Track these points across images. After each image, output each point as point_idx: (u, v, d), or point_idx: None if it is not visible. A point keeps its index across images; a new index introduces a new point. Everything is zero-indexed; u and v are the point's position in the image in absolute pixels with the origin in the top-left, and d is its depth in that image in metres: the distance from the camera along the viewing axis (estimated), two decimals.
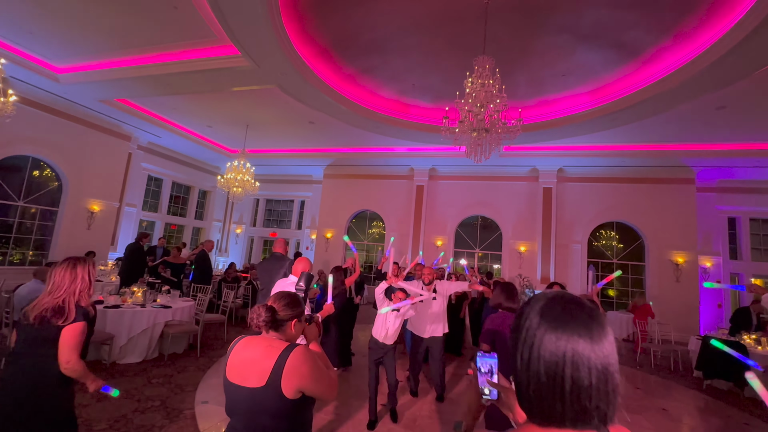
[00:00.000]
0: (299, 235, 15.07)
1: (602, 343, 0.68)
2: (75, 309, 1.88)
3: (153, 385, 4.10)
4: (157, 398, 3.75)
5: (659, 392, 5.53)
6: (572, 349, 0.67)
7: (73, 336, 1.86)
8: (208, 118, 10.20)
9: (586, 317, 0.70)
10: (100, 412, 3.33)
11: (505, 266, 11.62)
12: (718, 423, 4.52)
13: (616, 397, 0.67)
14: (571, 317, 0.70)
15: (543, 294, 0.78)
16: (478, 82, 5.19)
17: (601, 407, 0.66)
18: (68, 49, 7.15)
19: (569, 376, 0.66)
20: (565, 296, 0.75)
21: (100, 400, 3.57)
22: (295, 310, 1.55)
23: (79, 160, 10.04)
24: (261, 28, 5.60)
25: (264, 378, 1.36)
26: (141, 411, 3.44)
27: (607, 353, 0.68)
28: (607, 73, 6.87)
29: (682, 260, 10.05)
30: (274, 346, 1.43)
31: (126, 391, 3.82)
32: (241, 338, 1.52)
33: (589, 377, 0.66)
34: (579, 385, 0.65)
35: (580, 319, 0.69)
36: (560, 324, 0.69)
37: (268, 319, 1.47)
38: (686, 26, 5.46)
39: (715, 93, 6.40)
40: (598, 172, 10.88)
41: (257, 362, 1.39)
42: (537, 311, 0.73)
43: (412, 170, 12.49)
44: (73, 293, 1.90)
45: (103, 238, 10.72)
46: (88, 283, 1.97)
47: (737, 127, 7.91)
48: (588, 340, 0.67)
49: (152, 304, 5.02)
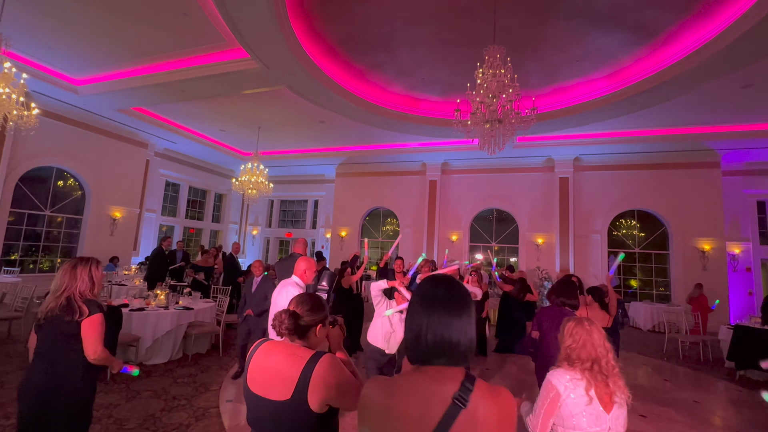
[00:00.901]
0: (314, 235, 15.19)
1: (460, 314, 0.98)
2: (85, 303, 1.95)
3: (179, 384, 4.20)
4: (183, 397, 3.84)
5: (689, 384, 5.35)
6: (430, 315, 0.98)
7: (93, 328, 1.94)
8: (220, 122, 10.37)
9: (445, 294, 1.01)
10: (129, 412, 3.43)
11: (523, 259, 11.44)
12: (753, 415, 4.34)
13: (466, 352, 0.97)
14: (435, 294, 1.01)
15: (426, 277, 1.10)
16: (489, 72, 5.08)
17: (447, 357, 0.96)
18: (86, 61, 7.36)
19: (427, 333, 0.97)
20: (437, 278, 1.06)
21: (130, 399, 3.68)
22: (320, 315, 1.44)
23: (100, 169, 10.36)
24: (269, 30, 5.63)
25: (289, 391, 1.26)
26: (168, 410, 3.53)
27: (459, 321, 0.97)
28: (624, 56, 6.64)
29: (708, 247, 9.69)
30: (299, 355, 1.33)
31: (153, 391, 3.93)
32: (261, 343, 1.42)
33: (441, 335, 0.96)
34: (435, 338, 0.96)
35: (440, 295, 1.00)
36: (427, 300, 1.01)
37: (291, 326, 1.38)
38: (707, 2, 5.22)
39: (740, 71, 6.10)
40: (616, 159, 10.57)
41: (281, 373, 1.30)
42: (416, 290, 1.07)
43: (425, 165, 12.40)
44: (75, 292, 1.96)
45: (126, 244, 11.05)
46: (89, 282, 2.01)
47: (765, 106, 7.54)
48: (442, 310, 0.98)
49: (175, 306, 5.14)
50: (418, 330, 0.98)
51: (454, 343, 0.95)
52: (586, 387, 1.58)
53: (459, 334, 0.96)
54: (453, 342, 0.95)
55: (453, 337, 0.95)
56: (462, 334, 0.96)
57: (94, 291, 2.06)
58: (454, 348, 0.95)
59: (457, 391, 0.91)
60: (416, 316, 1.00)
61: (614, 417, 1.58)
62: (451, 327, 0.96)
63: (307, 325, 1.41)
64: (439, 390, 0.92)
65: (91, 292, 2.03)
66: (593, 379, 1.59)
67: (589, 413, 1.55)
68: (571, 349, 1.66)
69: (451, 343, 0.95)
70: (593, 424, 1.55)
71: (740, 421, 4.15)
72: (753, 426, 4.02)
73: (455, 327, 0.96)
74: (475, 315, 1.07)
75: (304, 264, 3.06)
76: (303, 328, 1.40)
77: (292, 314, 1.40)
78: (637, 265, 10.87)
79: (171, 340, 4.97)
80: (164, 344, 4.92)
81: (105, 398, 3.65)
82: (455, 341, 0.95)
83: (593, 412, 1.56)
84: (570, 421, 1.58)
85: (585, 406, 1.56)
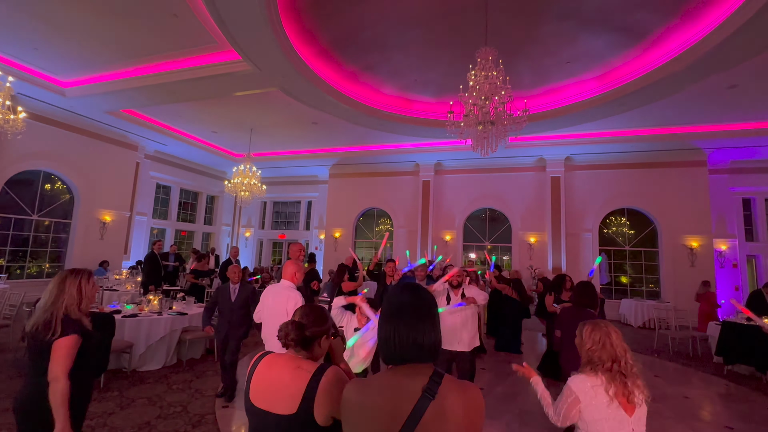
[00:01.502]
0: (308, 236, 15.14)
1: (424, 319, 1.07)
2: (62, 323, 1.83)
3: (174, 391, 4.16)
4: (179, 404, 3.81)
5: (679, 379, 5.46)
6: (398, 322, 1.07)
7: (61, 348, 1.79)
8: (212, 123, 10.27)
9: (410, 300, 1.11)
10: (124, 420, 3.40)
11: (515, 258, 11.55)
12: (742, 409, 4.45)
13: (432, 350, 1.06)
14: (400, 300, 1.11)
15: (395, 285, 1.22)
16: (482, 74, 5.12)
17: (415, 354, 1.05)
18: (73, 63, 7.23)
19: (395, 336, 1.05)
20: (403, 286, 1.17)
21: (124, 407, 3.64)
22: (324, 326, 1.44)
23: (89, 172, 10.19)
24: (261, 32, 5.59)
25: (294, 405, 1.25)
26: (164, 417, 3.50)
27: (422, 324, 1.06)
28: (614, 58, 6.74)
29: (696, 244, 9.89)
30: (304, 368, 1.32)
31: (148, 398, 3.89)
32: (263, 356, 1.41)
33: (407, 339, 1.04)
34: (402, 340, 1.05)
35: (406, 302, 1.10)
36: (394, 306, 1.11)
37: (297, 338, 1.37)
38: (693, 4, 5.33)
39: (726, 72, 6.24)
40: (606, 158, 10.72)
41: (286, 386, 1.29)
42: (386, 297, 1.18)
43: (418, 166, 12.44)
44: (61, 307, 1.87)
45: (116, 248, 10.89)
46: (76, 296, 1.91)
47: (750, 106, 7.72)
48: (409, 315, 1.07)
49: (168, 312, 5.09)
50: (387, 333, 1.07)
51: (419, 344, 1.04)
52: (606, 387, 1.60)
53: (423, 336, 1.05)
54: (418, 343, 1.04)
55: (418, 339, 1.05)
56: (426, 336, 1.05)
57: (81, 306, 1.95)
58: (420, 348, 1.05)
59: (426, 384, 0.99)
60: (386, 320, 1.10)
61: (636, 419, 1.59)
62: (416, 330, 1.05)
63: (312, 336, 1.40)
64: (410, 384, 1.01)
65: (78, 307, 1.93)
66: (612, 380, 1.61)
67: (611, 418, 1.56)
68: (592, 351, 1.69)
69: (416, 344, 1.04)
70: (616, 430, 1.56)
71: (728, 415, 4.25)
72: (741, 419, 4.12)
73: (419, 330, 1.05)
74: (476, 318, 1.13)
75: (294, 267, 3.17)
76: (308, 339, 1.39)
77: (298, 326, 1.39)
78: (628, 262, 11.04)
79: (165, 346, 4.93)
80: (158, 350, 4.87)
81: (99, 406, 3.61)
82: (419, 342, 1.04)
83: (615, 417, 1.56)
84: (594, 427, 1.60)
85: (606, 409, 1.57)
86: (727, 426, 3.96)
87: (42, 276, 9.70)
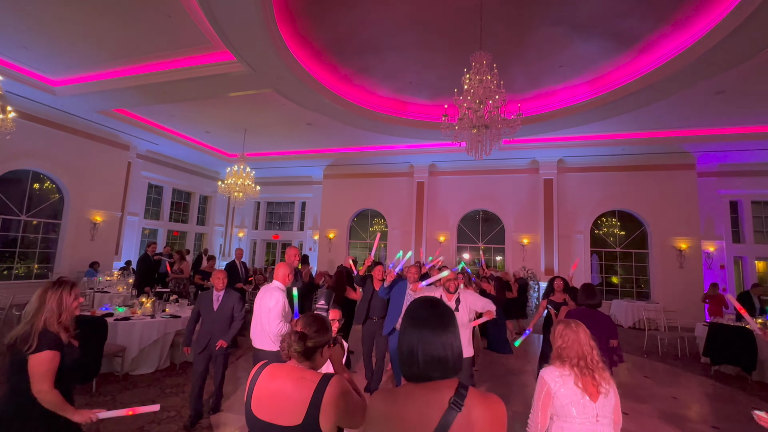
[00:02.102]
0: (302, 237, 15.10)
1: (445, 331, 1.08)
2: (39, 336, 1.81)
3: (167, 395, 4.14)
4: (173, 408, 3.79)
5: (667, 380, 5.57)
6: (420, 336, 1.08)
7: (38, 364, 1.78)
8: (205, 123, 10.19)
9: (431, 315, 1.11)
10: (116, 425, 3.37)
11: (509, 259, 11.65)
12: (728, 409, 4.55)
13: (456, 364, 1.07)
14: (422, 316, 1.12)
15: (414, 299, 1.21)
16: (476, 78, 5.17)
17: (440, 371, 1.06)
18: (63, 61, 7.13)
19: (419, 352, 1.06)
20: (425, 300, 1.17)
21: None
22: (326, 336, 1.45)
23: (79, 172, 10.05)
24: (256, 34, 5.58)
25: (300, 416, 1.25)
26: (157, 422, 3.48)
27: (446, 338, 1.07)
28: (605, 63, 6.84)
29: (685, 246, 10.07)
30: (307, 378, 1.33)
31: (141, 402, 3.86)
32: (264, 366, 1.41)
33: (430, 353, 1.05)
34: (426, 357, 1.06)
35: (427, 317, 1.11)
36: (414, 320, 1.12)
37: (301, 349, 1.37)
38: (683, 13, 5.43)
39: (714, 78, 6.37)
40: (598, 161, 10.87)
41: (290, 397, 1.29)
42: (405, 313, 1.18)
43: (412, 167, 12.48)
44: (40, 320, 1.84)
45: (107, 249, 10.76)
46: (56, 309, 1.87)
47: (737, 111, 7.89)
48: (431, 331, 1.08)
49: (162, 315, 5.05)
50: (410, 350, 1.08)
51: (443, 358, 1.06)
52: (575, 380, 1.78)
53: (446, 350, 1.06)
54: (442, 357, 1.06)
55: (441, 353, 1.06)
56: (449, 349, 1.07)
57: (61, 319, 1.90)
58: (444, 363, 1.06)
59: (452, 397, 1.02)
60: (407, 337, 1.10)
61: (600, 405, 1.77)
62: (437, 344, 1.06)
63: (315, 346, 1.41)
64: (437, 397, 1.04)
65: (57, 321, 1.88)
66: (581, 373, 1.79)
67: (577, 403, 1.77)
68: (562, 349, 1.86)
69: (440, 358, 1.06)
70: (581, 413, 1.76)
71: (715, 416, 4.35)
72: (727, 420, 4.22)
73: (441, 343, 1.07)
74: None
75: (285, 269, 3.33)
76: (310, 350, 1.40)
77: (301, 337, 1.39)
78: (618, 263, 11.21)
79: (158, 349, 4.89)
80: (151, 353, 4.83)
81: None
82: (443, 356, 1.06)
83: (581, 402, 1.77)
84: (562, 411, 1.78)
85: (574, 397, 1.77)
86: (713, 426, 4.05)
87: (31, 277, 9.54)
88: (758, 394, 5.06)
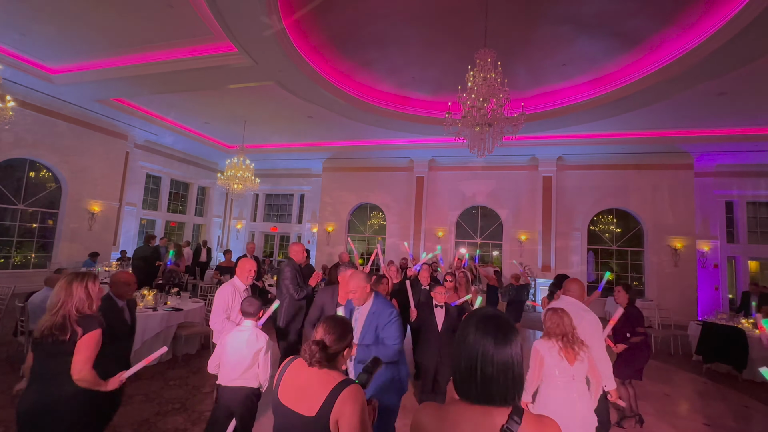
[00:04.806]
0: (300, 229, 15.10)
1: (504, 346, 1.00)
2: (81, 321, 1.93)
3: (170, 387, 4.18)
4: (177, 401, 3.83)
5: (660, 378, 5.69)
6: (482, 351, 1.00)
7: (87, 347, 1.91)
8: (205, 114, 10.10)
9: (494, 329, 1.02)
10: (122, 417, 3.41)
11: (506, 255, 11.74)
12: (719, 406, 4.68)
13: (516, 384, 1.00)
14: (484, 329, 1.03)
15: (473, 312, 1.13)
16: (480, 75, 5.16)
17: (501, 392, 0.99)
18: (62, 50, 7.02)
19: (479, 369, 0.99)
20: (486, 313, 1.08)
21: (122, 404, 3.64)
22: (346, 341, 1.51)
23: (77, 161, 9.96)
24: (259, 25, 5.52)
25: (315, 408, 1.34)
26: (163, 414, 3.53)
27: (508, 353, 1.00)
28: (608, 62, 6.84)
29: (680, 245, 10.19)
30: (332, 375, 1.42)
31: (145, 395, 3.90)
32: (294, 359, 1.51)
33: (492, 370, 0.99)
34: (485, 375, 0.99)
35: (490, 331, 1.02)
36: (476, 334, 1.03)
37: (322, 358, 1.42)
38: (687, 15, 5.44)
39: (716, 80, 6.40)
40: (597, 159, 10.92)
41: (312, 389, 1.38)
42: (469, 326, 1.07)
43: (412, 162, 12.47)
44: (71, 309, 1.94)
45: (105, 239, 10.72)
46: (85, 298, 1.99)
47: (737, 113, 7.93)
48: (492, 344, 1.00)
49: (164, 308, 5.07)
50: (469, 371, 1.01)
51: (503, 391, 0.99)
52: (559, 351, 2.35)
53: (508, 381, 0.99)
54: (503, 390, 0.99)
55: (501, 383, 0.99)
56: (513, 382, 1.00)
57: (93, 307, 2.04)
58: (504, 396, 0.99)
59: (505, 424, 0.97)
60: (465, 355, 1.03)
61: (576, 369, 2.34)
62: (502, 374, 0.99)
63: (336, 352, 1.47)
64: (488, 421, 0.99)
65: (89, 308, 2.01)
66: (564, 345, 2.37)
67: (559, 365, 2.33)
68: (549, 328, 2.44)
69: (501, 390, 0.99)
70: (562, 374, 2.33)
71: (707, 413, 4.47)
72: (718, 417, 4.34)
73: (506, 374, 0.99)
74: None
75: (249, 265, 3.27)
76: (332, 355, 1.46)
77: (321, 347, 1.44)
78: (614, 261, 11.33)
79: (160, 342, 4.90)
80: (153, 346, 4.84)
81: None
82: (504, 389, 0.99)
83: (562, 365, 2.32)
84: (548, 371, 2.36)
85: (557, 361, 2.33)
86: (705, 423, 4.17)
87: (28, 266, 9.50)
88: (749, 392, 5.19)
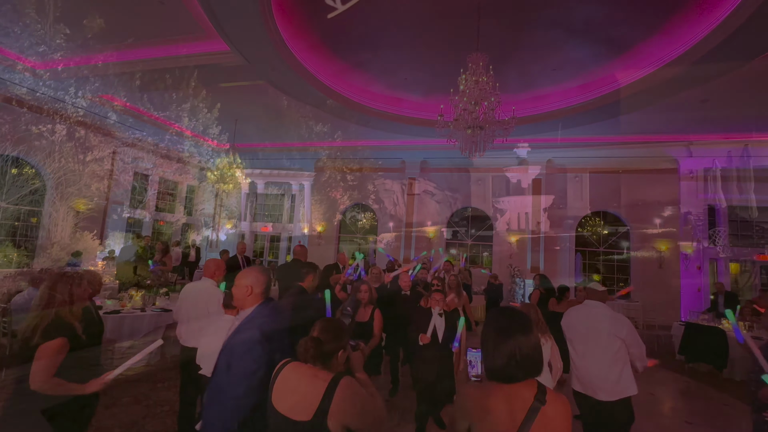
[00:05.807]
0: (291, 229, 15.00)
1: (530, 335, 1.29)
2: (48, 327, 1.85)
3: (159, 389, 4.12)
4: (166, 403, 3.78)
5: (644, 376, 5.78)
6: (512, 341, 1.27)
7: (45, 354, 1.80)
8: (195, 112, 9.97)
9: (520, 322, 1.32)
10: (110, 419, 3.36)
11: (496, 256, 11.86)
12: (701, 405, 4.82)
13: (538, 364, 1.29)
14: (512, 322, 1.32)
15: (495, 311, 1.43)
16: (472, 79, 5.23)
17: (528, 371, 1.27)
18: (48, 45, 6.86)
19: (514, 354, 1.25)
20: (506, 311, 1.41)
21: (109, 407, 3.59)
22: (342, 342, 1.51)
23: (62, 159, 9.72)
24: (252, 24, 5.50)
25: (310, 412, 1.33)
26: (151, 416, 3.48)
27: (533, 341, 1.29)
28: (596, 68, 6.98)
29: (665, 248, 10.44)
30: (320, 377, 1.40)
31: (133, 397, 3.85)
32: (287, 363, 1.49)
33: (519, 354, 1.25)
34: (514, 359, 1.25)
35: (518, 323, 1.31)
36: (505, 328, 1.31)
37: (315, 354, 1.43)
38: (672, 25, 5.59)
39: (699, 87, 6.59)
40: (585, 163, 11.11)
41: (304, 394, 1.37)
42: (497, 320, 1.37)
43: (404, 163, 12.52)
44: (50, 311, 1.88)
45: (91, 238, 10.48)
46: (67, 301, 1.94)
47: (720, 119, 8.17)
48: (522, 335, 1.28)
49: (152, 308, 5.00)
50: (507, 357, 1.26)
51: (533, 364, 1.27)
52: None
53: (535, 355, 1.28)
54: (532, 364, 1.27)
55: (529, 358, 1.26)
56: (538, 354, 1.29)
57: (73, 309, 1.97)
58: (535, 367, 1.28)
59: (536, 393, 1.26)
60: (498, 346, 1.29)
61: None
62: (530, 350, 1.27)
63: (330, 352, 1.46)
64: (522, 393, 1.27)
65: (70, 311, 1.95)
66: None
67: None
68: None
69: (531, 364, 1.27)
70: None
71: (689, 411, 4.60)
72: (700, 414, 4.47)
73: (533, 349, 1.28)
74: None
75: (214, 265, 3.20)
76: (326, 354, 1.46)
77: (317, 343, 1.44)
78: (601, 263, 11.55)
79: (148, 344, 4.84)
80: (141, 348, 4.78)
81: None
82: (531, 364, 1.27)
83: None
84: None
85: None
86: (687, 421, 4.29)
87: (10, 266, 9.24)
88: (729, 391, 5.35)
